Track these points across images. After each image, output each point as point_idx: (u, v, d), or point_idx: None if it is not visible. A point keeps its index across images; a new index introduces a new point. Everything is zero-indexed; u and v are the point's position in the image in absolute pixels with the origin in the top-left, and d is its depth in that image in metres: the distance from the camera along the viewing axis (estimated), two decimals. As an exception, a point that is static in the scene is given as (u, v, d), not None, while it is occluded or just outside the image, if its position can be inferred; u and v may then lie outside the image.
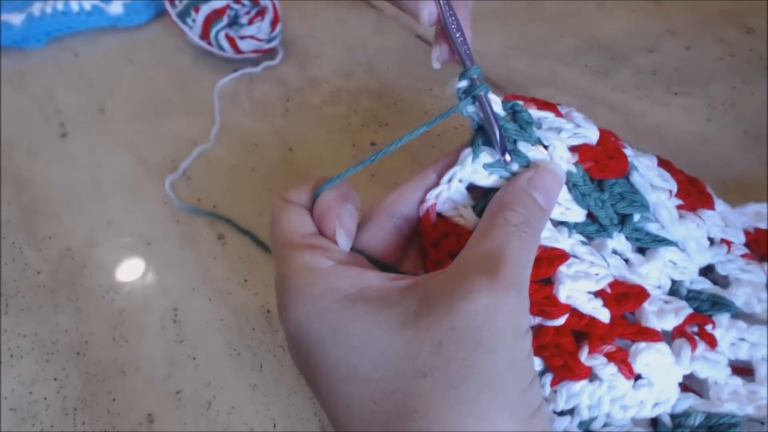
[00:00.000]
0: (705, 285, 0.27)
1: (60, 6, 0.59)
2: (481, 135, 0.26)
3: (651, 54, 0.52)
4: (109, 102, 0.54)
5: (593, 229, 0.27)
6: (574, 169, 0.26)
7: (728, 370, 0.25)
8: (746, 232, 0.30)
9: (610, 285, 0.25)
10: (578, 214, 0.26)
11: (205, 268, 0.42)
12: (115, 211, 0.46)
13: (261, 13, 0.53)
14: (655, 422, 0.24)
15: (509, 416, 0.20)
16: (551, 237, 0.25)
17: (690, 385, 0.25)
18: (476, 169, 0.26)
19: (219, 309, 0.40)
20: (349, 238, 0.25)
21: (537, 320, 0.24)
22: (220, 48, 0.53)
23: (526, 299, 0.22)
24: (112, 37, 0.60)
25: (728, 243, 0.29)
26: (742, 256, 0.29)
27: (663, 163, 0.30)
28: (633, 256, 0.27)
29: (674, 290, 0.27)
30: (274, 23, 0.53)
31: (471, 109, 0.26)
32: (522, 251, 0.23)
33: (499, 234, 0.23)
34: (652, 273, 0.26)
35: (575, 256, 0.25)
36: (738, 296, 0.27)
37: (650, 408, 0.24)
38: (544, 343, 0.24)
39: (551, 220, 0.26)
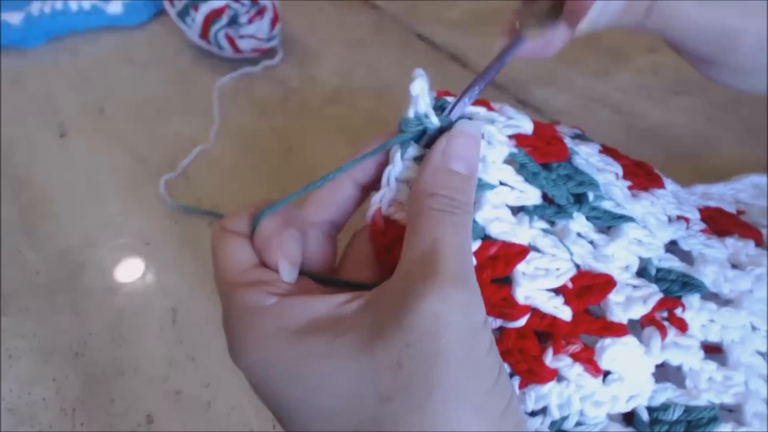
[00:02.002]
0: (673, 262, 0.26)
1: (59, 5, 0.59)
2: (408, 132, 0.25)
3: (651, 54, 0.52)
4: (109, 102, 0.54)
5: (552, 211, 0.25)
6: (515, 150, 0.25)
7: (701, 354, 0.24)
8: (699, 209, 0.29)
9: (573, 278, 0.24)
10: (533, 196, 0.25)
11: (205, 268, 0.42)
12: (114, 211, 0.45)
13: (260, 12, 0.52)
14: (631, 416, 0.23)
15: (480, 420, 0.19)
16: (510, 231, 0.24)
17: (664, 374, 0.24)
18: (408, 164, 0.25)
19: (218, 309, 0.39)
20: (294, 268, 0.23)
21: (498, 322, 0.24)
22: (220, 47, 0.53)
23: (476, 290, 0.21)
24: (111, 36, 0.60)
25: (686, 219, 0.28)
26: (702, 231, 0.28)
27: (607, 151, 0.30)
28: (597, 237, 0.26)
29: (643, 270, 0.26)
30: (273, 22, 0.53)
31: (412, 114, 0.25)
32: (456, 237, 0.22)
33: (427, 227, 0.22)
34: (619, 253, 0.25)
35: (536, 249, 0.24)
36: (706, 275, 0.26)
37: (624, 402, 0.23)
38: (507, 348, 0.23)
39: (510, 207, 0.25)
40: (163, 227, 0.44)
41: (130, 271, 0.42)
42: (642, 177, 0.29)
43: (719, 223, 0.29)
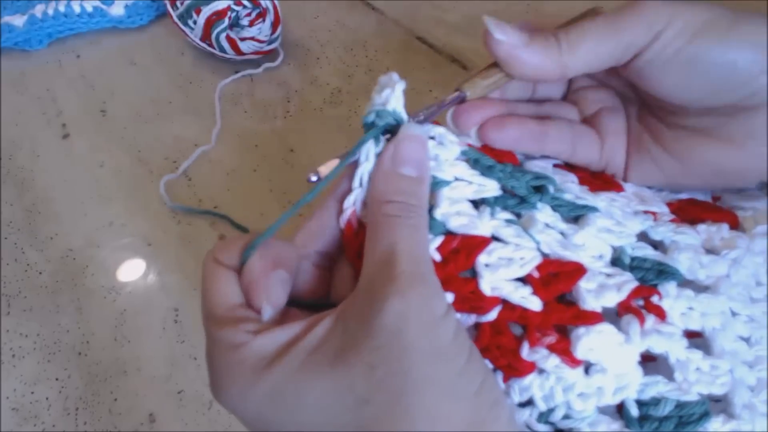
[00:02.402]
0: (647, 251, 0.26)
1: (62, 7, 0.59)
2: (376, 127, 0.25)
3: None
4: (111, 103, 0.54)
5: (515, 201, 0.25)
6: (466, 148, 0.26)
7: (685, 341, 0.24)
8: (668, 204, 0.29)
9: (539, 267, 0.24)
10: (492, 187, 0.25)
11: (206, 268, 0.42)
12: (117, 211, 0.46)
13: (262, 14, 0.53)
14: (622, 409, 0.23)
15: (455, 403, 0.20)
16: (470, 223, 0.24)
17: (654, 368, 0.24)
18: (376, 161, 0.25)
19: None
20: (275, 310, 0.23)
21: (473, 318, 0.24)
22: (221, 49, 0.53)
23: (434, 284, 0.22)
24: (113, 38, 0.60)
25: (653, 213, 0.28)
26: (671, 221, 0.27)
27: (560, 166, 0.30)
28: (565, 227, 0.25)
29: (617, 259, 0.25)
30: (275, 25, 0.54)
31: (371, 118, 0.25)
32: (412, 239, 0.22)
33: (384, 233, 0.23)
34: (589, 242, 0.25)
35: (499, 239, 0.24)
36: (681, 262, 0.25)
37: (612, 395, 0.22)
38: (485, 345, 0.23)
39: (470, 202, 0.25)
40: (165, 228, 0.44)
41: (132, 271, 0.42)
42: (599, 183, 0.29)
43: (689, 212, 0.28)
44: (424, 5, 0.60)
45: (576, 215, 0.26)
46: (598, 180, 0.29)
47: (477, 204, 0.25)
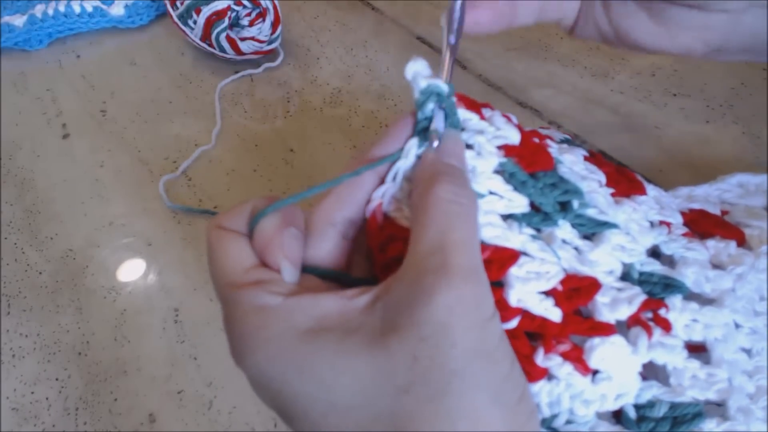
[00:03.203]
0: (655, 266, 0.27)
1: (62, 7, 0.59)
2: (424, 130, 0.25)
3: (650, 55, 0.52)
4: (111, 103, 0.54)
5: (539, 218, 0.26)
6: (505, 160, 0.26)
7: (685, 353, 0.25)
8: (682, 213, 0.30)
9: (562, 281, 0.24)
10: (522, 204, 0.26)
11: (207, 268, 0.41)
12: (117, 211, 0.46)
13: (262, 14, 0.53)
14: (619, 414, 0.24)
15: (498, 408, 0.20)
16: (502, 235, 0.24)
17: (649, 373, 0.25)
18: (416, 162, 0.25)
19: (220, 309, 0.40)
20: (296, 268, 0.23)
21: None
22: (221, 49, 0.53)
23: (485, 282, 0.21)
24: (113, 38, 0.60)
25: (668, 224, 0.29)
26: (683, 235, 0.28)
27: (591, 157, 0.30)
28: (581, 243, 0.26)
29: (626, 274, 0.26)
30: (275, 25, 0.54)
31: (429, 108, 0.25)
32: (464, 231, 0.22)
33: (436, 217, 0.22)
34: (602, 259, 0.26)
35: (526, 254, 0.25)
36: (687, 276, 0.26)
37: (613, 401, 0.23)
38: None
39: (500, 215, 0.25)
40: (165, 228, 0.44)
41: (132, 271, 0.42)
42: (624, 184, 0.29)
43: (701, 225, 0.29)
44: (423, 5, 0.60)
45: (593, 232, 0.27)
46: (624, 178, 0.30)
47: (504, 217, 0.26)
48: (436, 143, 0.25)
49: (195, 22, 0.52)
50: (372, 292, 0.21)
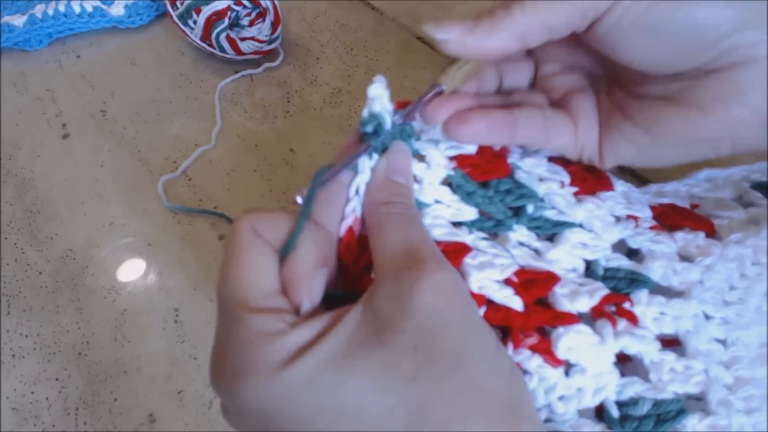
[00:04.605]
0: (621, 261, 0.27)
1: (62, 7, 0.59)
2: (371, 142, 0.26)
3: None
4: (111, 103, 0.54)
5: (490, 225, 0.27)
6: (452, 172, 0.27)
7: (657, 344, 0.25)
8: (651, 207, 0.30)
9: (516, 273, 0.25)
10: (469, 213, 0.27)
11: (207, 268, 0.42)
12: (117, 212, 0.46)
13: (262, 14, 0.53)
14: (602, 412, 0.24)
15: (497, 377, 0.21)
16: (450, 233, 0.26)
17: (629, 370, 0.25)
18: (369, 174, 0.26)
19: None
20: (313, 307, 0.23)
21: None
22: (221, 49, 0.53)
23: (455, 270, 0.23)
24: (113, 38, 0.60)
25: (635, 218, 0.29)
26: (651, 228, 0.28)
27: (557, 158, 0.30)
28: (540, 245, 0.27)
29: (590, 271, 0.27)
30: (275, 25, 0.54)
31: (367, 114, 0.26)
32: (420, 230, 0.24)
33: (393, 229, 0.24)
34: (562, 257, 0.26)
35: (477, 249, 0.26)
36: (654, 270, 0.26)
37: (591, 396, 0.23)
38: None
39: (449, 222, 0.27)
40: (165, 228, 0.44)
41: (132, 271, 0.42)
42: (591, 181, 0.30)
43: (670, 218, 0.29)
44: (424, 5, 0.60)
45: (553, 233, 0.28)
46: (591, 175, 0.30)
47: (454, 224, 0.27)
48: (373, 160, 0.26)
49: (195, 22, 0.52)
50: (359, 303, 0.22)
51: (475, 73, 0.28)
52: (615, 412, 0.23)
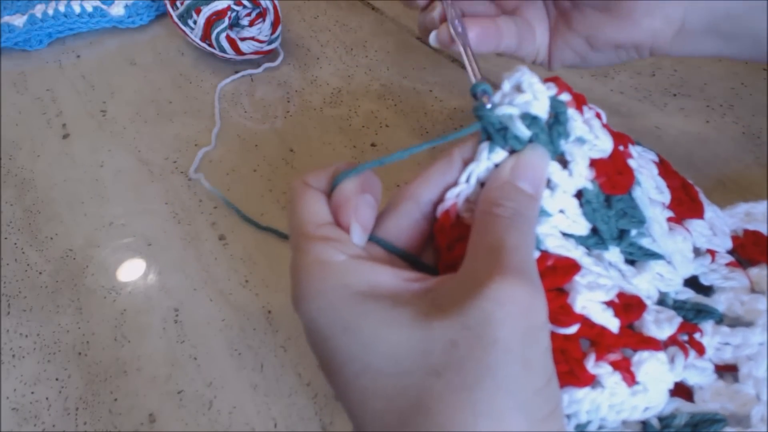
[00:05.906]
0: (689, 295, 0.28)
1: (62, 7, 0.59)
2: (499, 132, 0.25)
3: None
4: (111, 103, 0.54)
5: (593, 241, 0.27)
6: (590, 186, 0.26)
7: (714, 376, 0.26)
8: (734, 237, 0.30)
9: (618, 295, 0.25)
10: (583, 228, 0.26)
11: (207, 268, 0.42)
12: (117, 211, 0.46)
13: (262, 14, 0.53)
14: (642, 423, 0.25)
15: (523, 418, 0.19)
16: (563, 246, 0.25)
17: (677, 391, 0.26)
18: (490, 167, 0.25)
19: (220, 309, 0.40)
20: (365, 232, 0.24)
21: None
22: (221, 49, 0.53)
23: (540, 290, 0.21)
24: (113, 38, 0.60)
25: (713, 253, 0.29)
26: (726, 264, 0.29)
27: (662, 165, 0.30)
28: (625, 268, 0.27)
29: (661, 301, 0.27)
30: (275, 25, 0.54)
31: (502, 111, 0.25)
32: (521, 240, 0.22)
33: (493, 228, 0.22)
34: (642, 285, 0.27)
35: (584, 267, 0.25)
36: (720, 302, 0.27)
37: (641, 412, 0.24)
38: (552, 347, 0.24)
39: (560, 232, 0.26)
40: (165, 228, 0.44)
41: (132, 271, 0.42)
42: (685, 205, 0.30)
43: (749, 251, 0.30)
44: (424, 5, 0.60)
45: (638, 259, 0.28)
46: (687, 198, 0.30)
47: (563, 235, 0.26)
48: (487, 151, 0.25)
49: (195, 22, 0.52)
50: (427, 282, 0.22)
51: None
52: (655, 423, 0.24)
